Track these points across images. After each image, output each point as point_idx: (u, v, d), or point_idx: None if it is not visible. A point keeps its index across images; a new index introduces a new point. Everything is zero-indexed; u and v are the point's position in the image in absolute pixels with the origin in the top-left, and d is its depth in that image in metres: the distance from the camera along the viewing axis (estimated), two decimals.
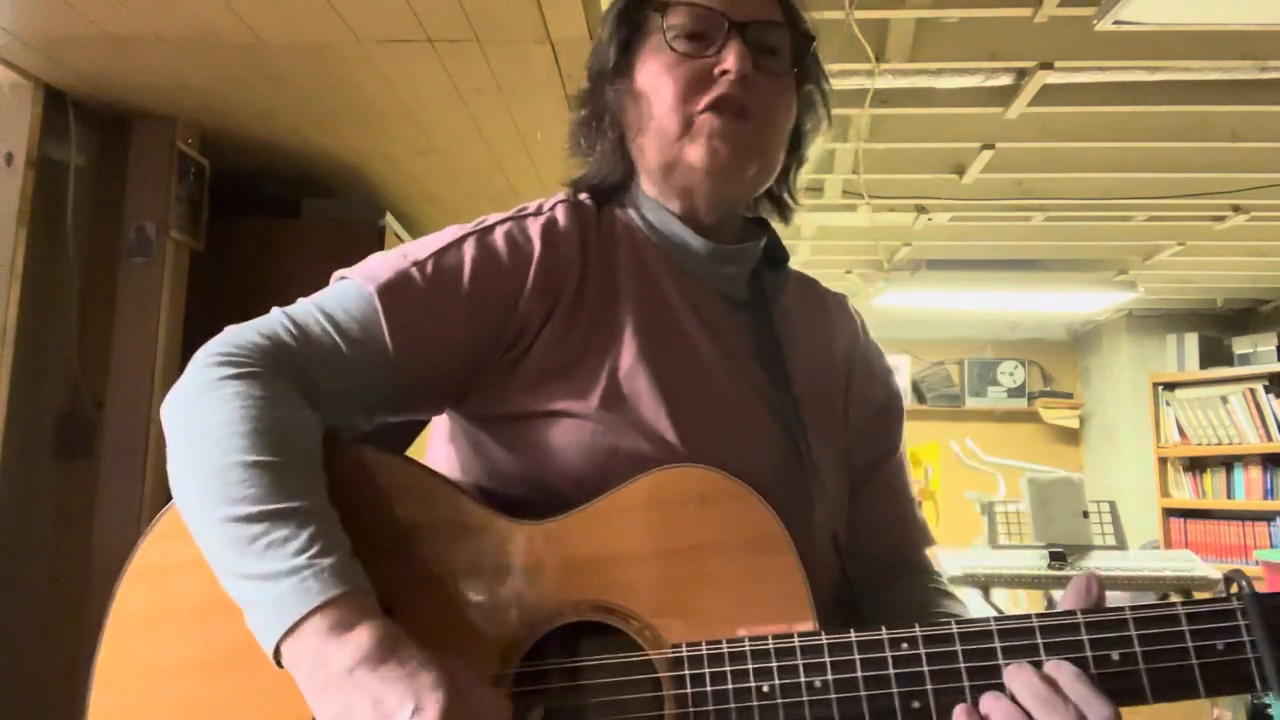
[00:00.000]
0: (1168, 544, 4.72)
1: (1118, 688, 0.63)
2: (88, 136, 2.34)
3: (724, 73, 0.80)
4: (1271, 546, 4.39)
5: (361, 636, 0.61)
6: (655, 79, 0.83)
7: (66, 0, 1.79)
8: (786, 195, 0.95)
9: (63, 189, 2.27)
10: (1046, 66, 2.05)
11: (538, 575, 0.71)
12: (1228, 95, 2.28)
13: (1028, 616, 0.66)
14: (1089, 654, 0.64)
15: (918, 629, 0.66)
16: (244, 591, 0.64)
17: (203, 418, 0.68)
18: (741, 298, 0.88)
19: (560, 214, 0.84)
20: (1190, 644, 0.63)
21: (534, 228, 0.82)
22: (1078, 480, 3.05)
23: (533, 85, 2.13)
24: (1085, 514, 2.99)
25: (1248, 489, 4.54)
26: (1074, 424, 5.57)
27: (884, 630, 0.67)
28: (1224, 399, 4.55)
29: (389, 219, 2.84)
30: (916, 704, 0.65)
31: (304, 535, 0.63)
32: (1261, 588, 0.65)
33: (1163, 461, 4.84)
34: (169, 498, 0.70)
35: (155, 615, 0.71)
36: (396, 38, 1.93)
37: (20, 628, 2.20)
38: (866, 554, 0.88)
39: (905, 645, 0.66)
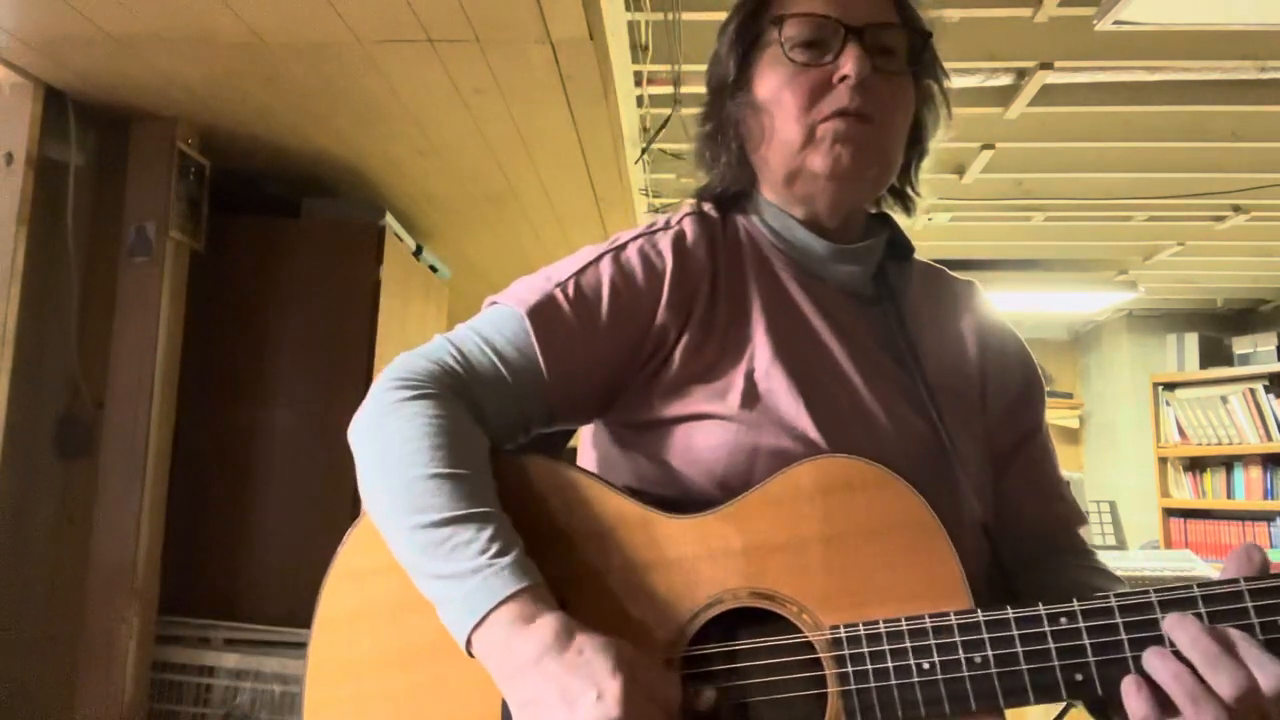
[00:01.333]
0: (1168, 544, 4.72)
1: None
2: (88, 136, 2.34)
3: (843, 79, 0.82)
4: (1271, 546, 4.39)
5: (544, 627, 0.67)
6: (776, 91, 0.85)
7: (66, 0, 1.79)
8: (909, 189, 0.97)
9: (63, 189, 2.27)
10: (1046, 66, 2.05)
11: (696, 566, 0.75)
12: (1228, 95, 2.28)
13: (1189, 585, 0.66)
14: (1255, 620, 0.64)
15: (1076, 603, 0.67)
16: (436, 590, 0.71)
17: (387, 437, 0.75)
18: (869, 293, 0.90)
19: (688, 227, 0.88)
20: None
21: (664, 242, 0.86)
22: (1078, 480, 3.05)
23: (533, 85, 2.13)
24: (1085, 514, 2.98)
25: (1248, 489, 4.54)
26: (1074, 424, 5.57)
27: (1041, 606, 0.68)
28: (1224, 399, 4.55)
29: (389, 219, 2.84)
30: (1079, 676, 0.66)
31: (484, 537, 0.70)
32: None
33: (1163, 461, 4.83)
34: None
35: (357, 614, 0.78)
36: (396, 38, 1.93)
37: (20, 627, 2.20)
38: (1016, 537, 0.89)
39: (1064, 619, 0.67)
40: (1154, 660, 0.64)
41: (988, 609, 0.69)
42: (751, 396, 0.81)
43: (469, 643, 0.69)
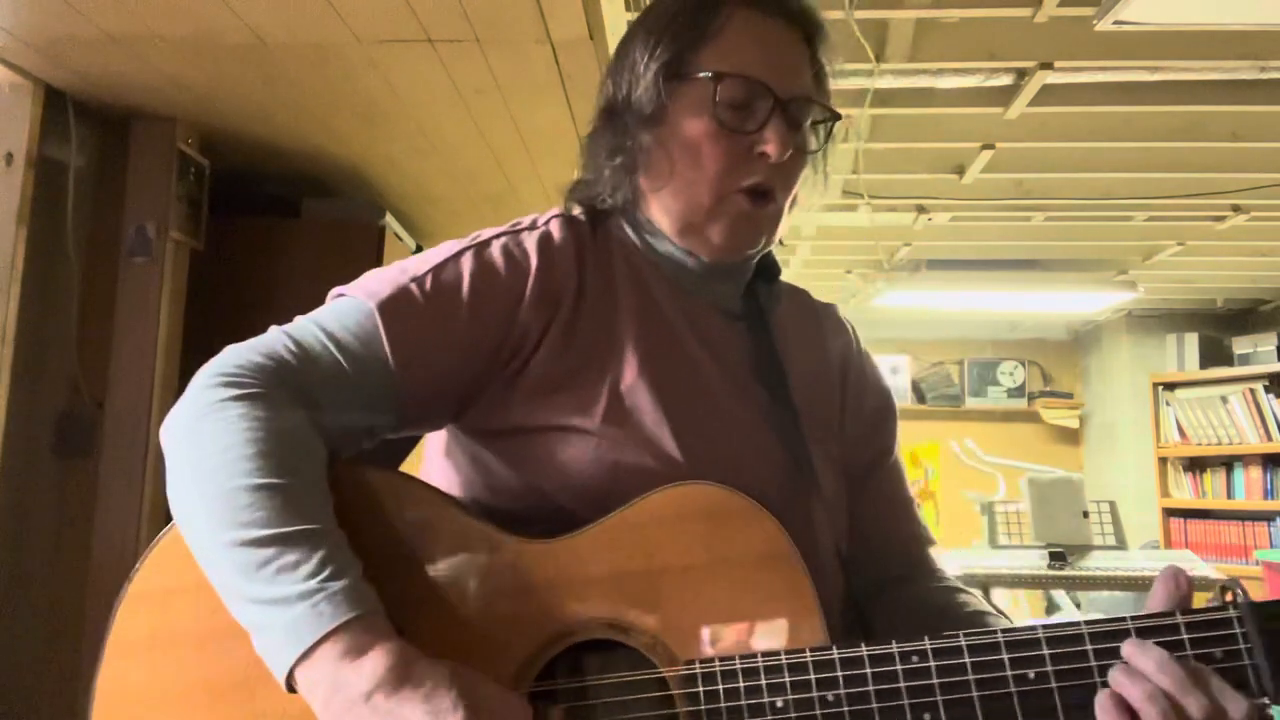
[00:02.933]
0: (1168, 544, 4.72)
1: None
2: (88, 136, 2.34)
3: (762, 155, 0.82)
4: (1271, 546, 4.39)
5: (377, 660, 0.61)
6: (694, 143, 0.83)
7: (66, 0, 1.79)
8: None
9: (63, 189, 2.27)
10: (1046, 66, 2.05)
11: (548, 593, 0.71)
12: (1228, 95, 2.28)
13: (1033, 627, 0.67)
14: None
15: (926, 641, 0.67)
16: (253, 616, 0.64)
17: (206, 440, 0.67)
18: (737, 311, 0.89)
19: (555, 229, 0.85)
20: (1189, 652, 0.65)
21: (530, 242, 0.83)
22: (1078, 480, 3.05)
23: (533, 85, 2.13)
24: (1085, 514, 2.99)
25: (1248, 489, 4.54)
26: (1074, 424, 5.57)
27: (894, 644, 0.68)
28: (1224, 399, 4.55)
29: (389, 219, 2.84)
30: (928, 715, 0.66)
31: (315, 559, 0.63)
32: (1262, 588, 0.66)
33: (1163, 461, 4.84)
34: (168, 498, 0.70)
35: (156, 640, 0.70)
36: (396, 38, 1.92)
37: (20, 627, 2.20)
38: (869, 559, 0.89)
39: (915, 658, 0.67)
40: (1123, 679, 0.64)
41: (842, 642, 0.68)
42: (615, 411, 0.78)
43: (290, 676, 0.62)
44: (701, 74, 0.83)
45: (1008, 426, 5.56)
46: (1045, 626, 0.66)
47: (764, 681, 0.68)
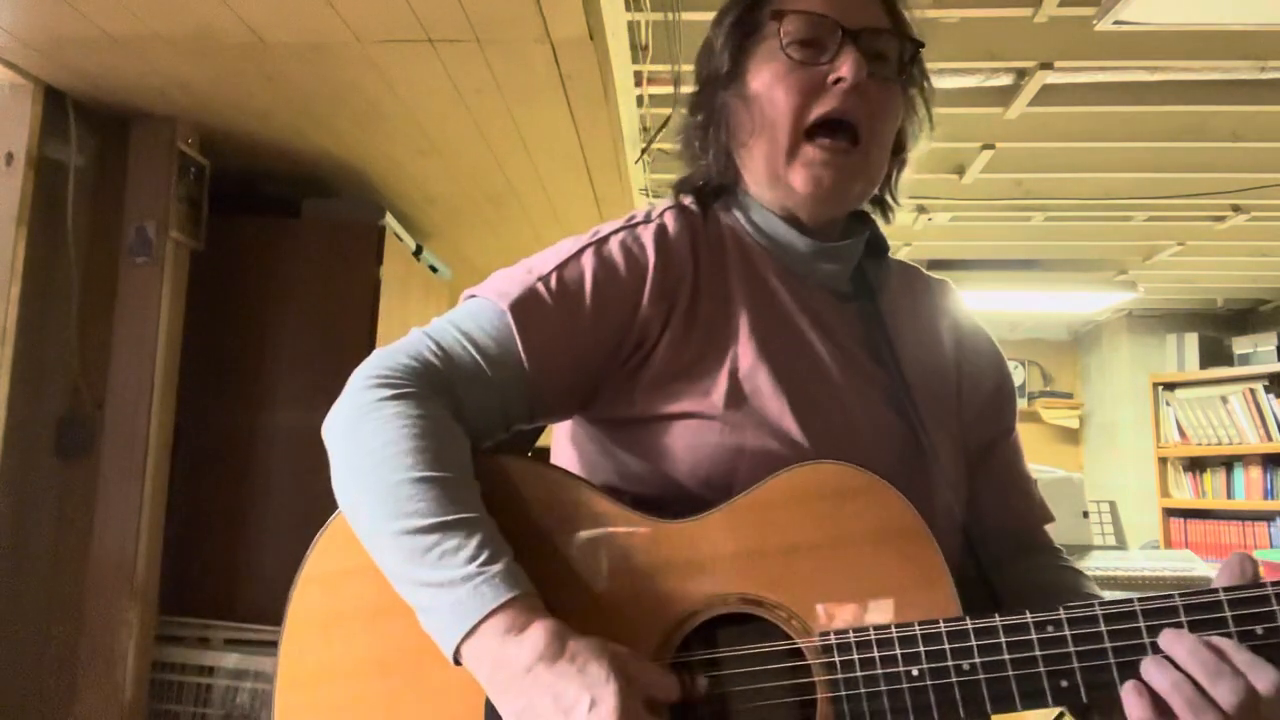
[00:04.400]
0: (1168, 544, 4.72)
1: (1266, 660, 0.64)
2: (88, 136, 2.34)
3: (838, 80, 0.82)
4: (1271, 546, 4.39)
5: (536, 636, 0.66)
6: (769, 86, 0.85)
7: (67, 0, 1.79)
8: (889, 196, 0.97)
9: (63, 189, 2.27)
10: (1046, 66, 2.05)
11: (684, 570, 0.74)
12: (1228, 95, 2.28)
13: (1170, 595, 0.67)
14: (1233, 629, 0.66)
15: (1061, 611, 0.68)
16: (420, 598, 0.69)
17: (366, 438, 0.73)
18: (847, 291, 0.90)
19: (670, 220, 0.87)
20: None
21: (646, 236, 0.85)
22: (1078, 480, 3.05)
23: (533, 85, 2.13)
24: (1085, 514, 2.98)
25: (1248, 489, 4.53)
26: (1074, 424, 5.57)
27: (1028, 614, 0.68)
28: (1224, 399, 4.55)
29: (389, 219, 2.84)
30: (1065, 683, 0.67)
31: (473, 544, 0.68)
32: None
33: (1163, 461, 4.83)
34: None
35: (329, 618, 0.77)
36: (396, 38, 1.92)
37: (20, 627, 2.20)
38: (988, 535, 0.90)
39: (1050, 627, 0.68)
40: (1152, 669, 0.65)
41: (973, 614, 0.69)
42: (736, 396, 0.80)
43: (458, 652, 0.67)
44: (769, 20, 0.85)
45: None
46: (1183, 594, 0.67)
47: (899, 651, 0.69)
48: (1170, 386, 4.80)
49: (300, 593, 0.78)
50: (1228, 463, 4.64)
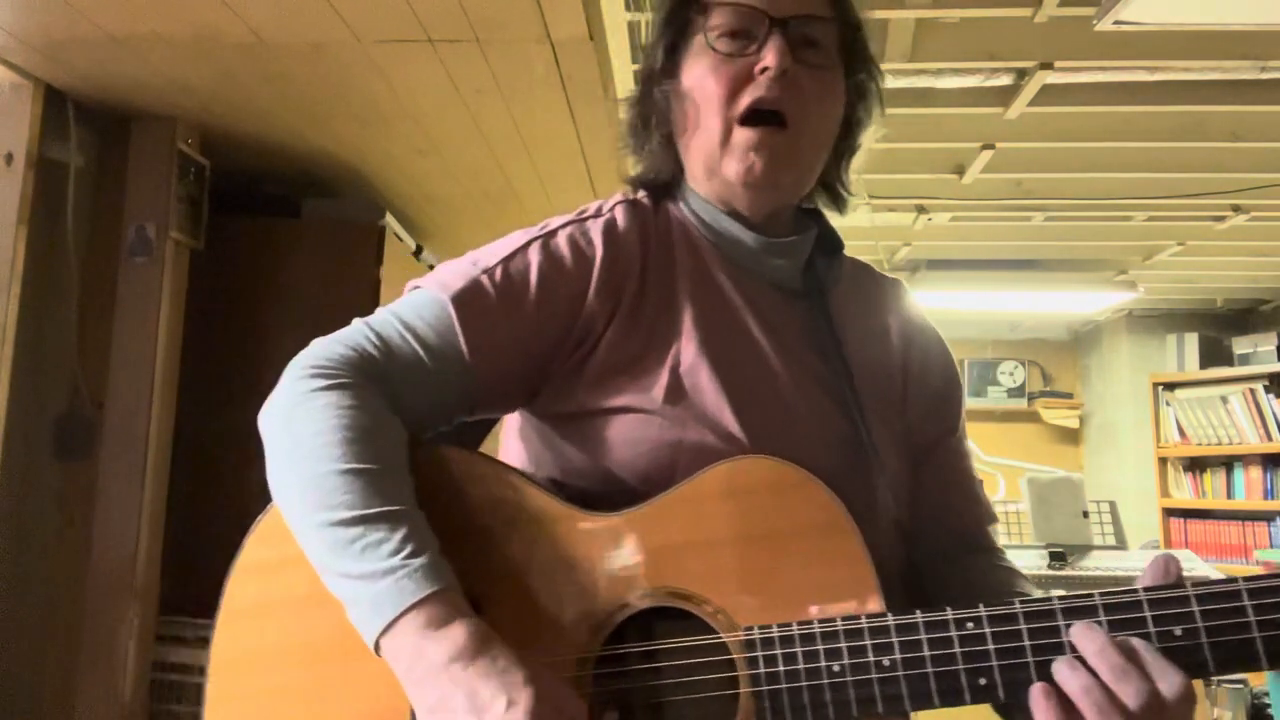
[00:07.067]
0: (1168, 544, 4.71)
1: (1181, 662, 0.64)
2: (88, 136, 2.34)
3: (764, 70, 0.82)
4: (1271, 546, 4.39)
5: (455, 633, 0.66)
6: (699, 80, 0.85)
7: (67, 0, 1.79)
8: (839, 186, 0.96)
9: (63, 189, 2.27)
10: (1046, 66, 2.05)
11: (615, 564, 0.75)
12: (1228, 95, 2.28)
13: (1090, 595, 0.67)
14: (1151, 629, 0.65)
15: (982, 608, 0.68)
16: (344, 589, 0.69)
17: (298, 427, 0.73)
18: (796, 288, 0.90)
19: (620, 214, 0.87)
20: (1253, 618, 0.64)
21: (595, 230, 0.85)
22: (1078, 480, 3.05)
23: (533, 85, 2.13)
24: (1085, 514, 2.98)
25: (1248, 489, 4.53)
26: (1074, 424, 5.57)
27: (949, 610, 0.69)
28: (1224, 399, 4.55)
29: (389, 219, 2.84)
30: (983, 680, 0.67)
31: (397, 537, 0.68)
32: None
33: (1163, 461, 4.83)
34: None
35: (262, 608, 0.77)
36: (396, 38, 1.93)
37: (20, 627, 2.20)
38: (930, 534, 0.90)
39: (970, 625, 0.68)
40: (1064, 671, 0.65)
41: (899, 611, 0.70)
42: (676, 391, 0.80)
43: (377, 645, 0.67)
44: (695, 15, 0.85)
45: (1008, 426, 5.56)
46: (1103, 593, 0.67)
47: (821, 647, 0.70)
48: (1170, 386, 4.80)
49: (235, 580, 0.78)
50: (1228, 463, 4.64)
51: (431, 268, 3.31)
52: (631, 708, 0.73)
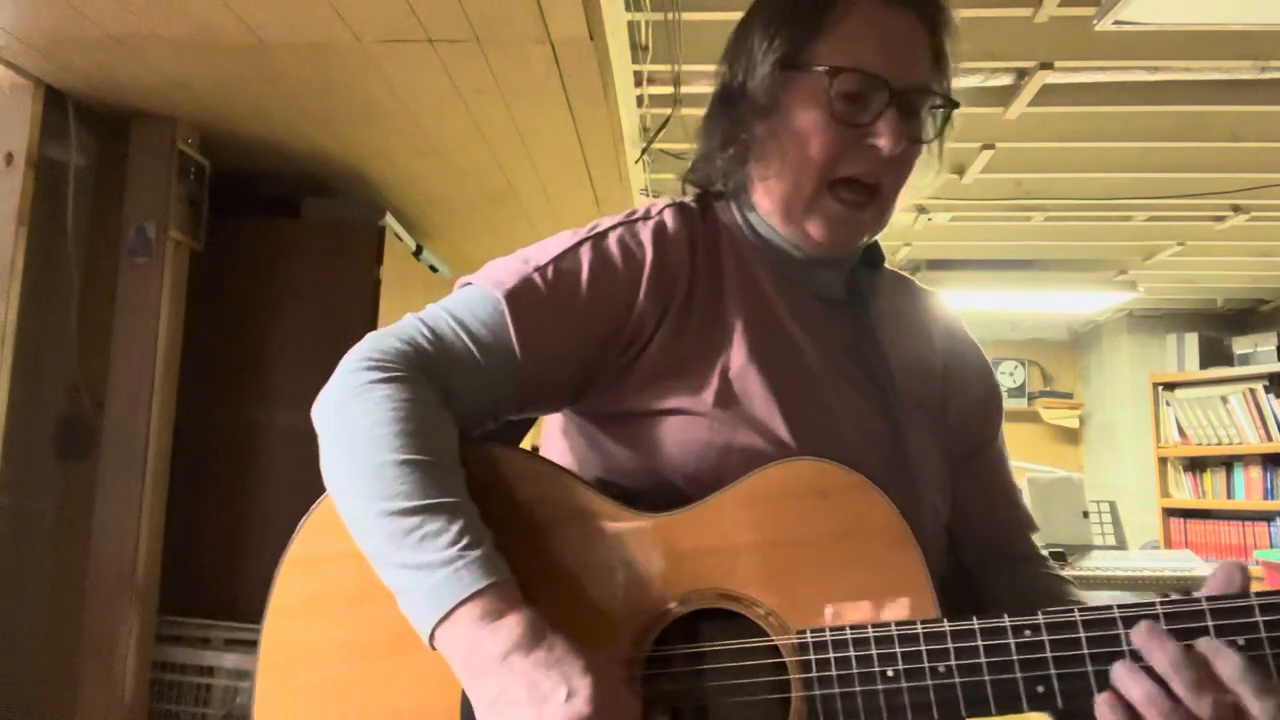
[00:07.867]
0: (1168, 544, 4.72)
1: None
2: (88, 136, 2.34)
3: (873, 147, 0.81)
4: (1271, 546, 4.39)
5: (512, 624, 0.66)
6: (806, 132, 0.83)
7: (67, 1, 1.79)
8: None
9: (63, 189, 2.27)
10: (1046, 66, 2.05)
11: (665, 564, 0.74)
12: (1228, 95, 2.28)
13: (1152, 604, 0.66)
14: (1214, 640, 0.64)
15: (1040, 616, 0.68)
16: (400, 579, 0.69)
17: (355, 419, 0.73)
18: (840, 297, 0.91)
19: (669, 218, 0.87)
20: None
21: (645, 233, 0.85)
22: (1078, 480, 3.05)
23: (533, 85, 2.13)
24: (1085, 514, 2.99)
25: (1248, 489, 4.53)
26: (1074, 424, 5.57)
27: (1006, 617, 0.68)
28: (1224, 399, 4.55)
29: (389, 219, 2.84)
30: (1041, 688, 0.66)
31: (454, 529, 0.68)
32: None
33: (1163, 461, 4.83)
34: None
35: (312, 602, 0.77)
36: (396, 38, 1.92)
37: (20, 627, 2.20)
38: (970, 541, 0.91)
39: (1028, 632, 0.67)
40: (1125, 677, 0.64)
41: (952, 618, 0.69)
42: (726, 395, 0.81)
43: (432, 636, 0.67)
44: (818, 67, 0.83)
45: (1008, 426, 5.44)
46: (1163, 601, 0.66)
47: (875, 652, 0.69)
48: (1170, 386, 4.80)
49: (285, 575, 0.78)
50: (1228, 463, 4.64)
51: (433, 268, 3.31)
52: (681, 709, 0.73)
